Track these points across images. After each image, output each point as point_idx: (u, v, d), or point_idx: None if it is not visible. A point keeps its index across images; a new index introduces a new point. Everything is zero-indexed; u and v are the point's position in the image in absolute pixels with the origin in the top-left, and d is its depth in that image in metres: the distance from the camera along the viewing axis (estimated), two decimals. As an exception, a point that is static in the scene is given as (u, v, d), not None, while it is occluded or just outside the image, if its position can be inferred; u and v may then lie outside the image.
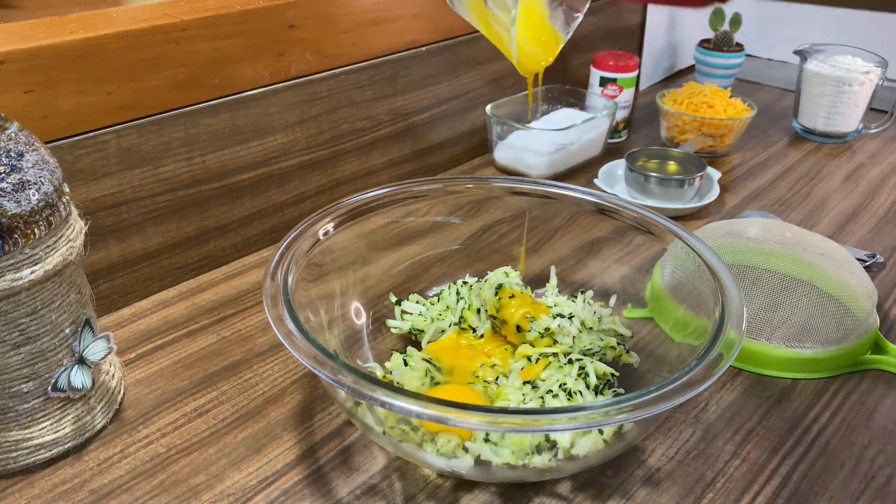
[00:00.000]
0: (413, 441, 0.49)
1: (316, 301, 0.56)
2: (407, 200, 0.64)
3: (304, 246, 0.55)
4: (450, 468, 0.49)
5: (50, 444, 0.50)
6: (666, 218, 0.60)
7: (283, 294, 0.49)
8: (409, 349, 0.59)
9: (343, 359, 0.48)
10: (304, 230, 0.56)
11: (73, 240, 0.48)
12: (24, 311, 0.46)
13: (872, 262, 0.76)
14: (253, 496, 0.49)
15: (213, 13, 0.66)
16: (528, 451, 0.48)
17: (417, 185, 0.64)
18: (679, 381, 0.43)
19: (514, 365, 0.57)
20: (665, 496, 0.50)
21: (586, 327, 0.60)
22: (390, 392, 0.42)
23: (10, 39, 0.56)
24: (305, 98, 0.76)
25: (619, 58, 1.02)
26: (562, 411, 0.42)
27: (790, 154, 1.03)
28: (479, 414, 0.41)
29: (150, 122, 0.64)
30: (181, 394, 0.58)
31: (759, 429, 0.56)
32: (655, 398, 0.42)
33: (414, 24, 0.84)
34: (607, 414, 0.41)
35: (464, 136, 0.97)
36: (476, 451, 0.48)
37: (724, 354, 0.45)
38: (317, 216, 0.58)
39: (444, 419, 0.41)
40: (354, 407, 0.49)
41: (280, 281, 0.50)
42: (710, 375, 0.44)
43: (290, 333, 0.46)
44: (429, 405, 0.41)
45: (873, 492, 0.51)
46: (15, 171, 0.44)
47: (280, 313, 0.47)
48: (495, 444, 0.48)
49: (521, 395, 0.53)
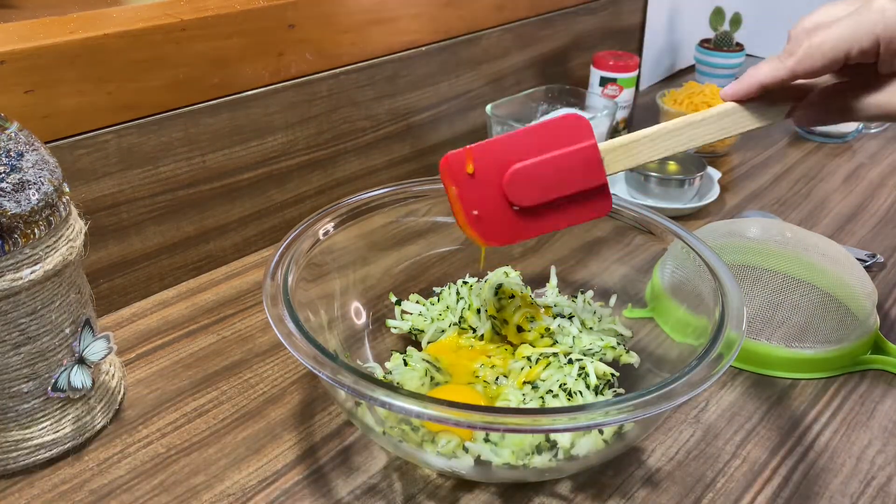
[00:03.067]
0: (413, 441, 0.49)
1: (316, 301, 0.56)
2: (407, 200, 0.64)
3: (305, 246, 0.55)
4: (450, 468, 0.49)
5: (50, 444, 0.50)
6: (666, 218, 0.60)
7: (283, 294, 0.49)
8: (409, 349, 0.59)
9: (343, 359, 0.48)
10: (305, 230, 0.56)
11: (73, 240, 0.48)
12: (24, 311, 0.46)
13: (872, 262, 0.76)
14: (253, 496, 0.49)
15: (214, 13, 0.66)
16: (529, 451, 0.48)
17: (417, 185, 0.64)
18: (680, 381, 0.43)
19: (514, 365, 0.57)
20: (665, 496, 0.50)
21: (586, 327, 0.60)
22: (390, 392, 0.42)
23: (10, 39, 0.56)
24: (305, 98, 0.76)
25: (619, 58, 1.02)
26: (562, 411, 0.42)
27: (790, 154, 1.03)
28: (480, 414, 0.41)
29: (150, 122, 0.64)
30: (181, 394, 0.58)
31: (759, 429, 0.56)
32: (656, 398, 0.42)
33: (414, 24, 0.84)
34: (607, 414, 0.41)
35: (464, 135, 0.97)
36: (476, 451, 0.48)
37: (725, 354, 0.45)
38: (317, 216, 0.58)
39: (445, 419, 0.41)
40: (354, 407, 0.49)
41: (280, 281, 0.50)
42: (711, 376, 0.44)
43: (291, 333, 0.46)
44: (429, 405, 0.41)
45: (873, 492, 0.51)
46: (15, 171, 0.44)
47: (280, 313, 0.47)
48: (495, 444, 0.48)
49: (520, 395, 0.53)
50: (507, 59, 0.99)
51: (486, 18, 0.94)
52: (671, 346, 0.58)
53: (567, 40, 1.08)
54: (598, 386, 0.53)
